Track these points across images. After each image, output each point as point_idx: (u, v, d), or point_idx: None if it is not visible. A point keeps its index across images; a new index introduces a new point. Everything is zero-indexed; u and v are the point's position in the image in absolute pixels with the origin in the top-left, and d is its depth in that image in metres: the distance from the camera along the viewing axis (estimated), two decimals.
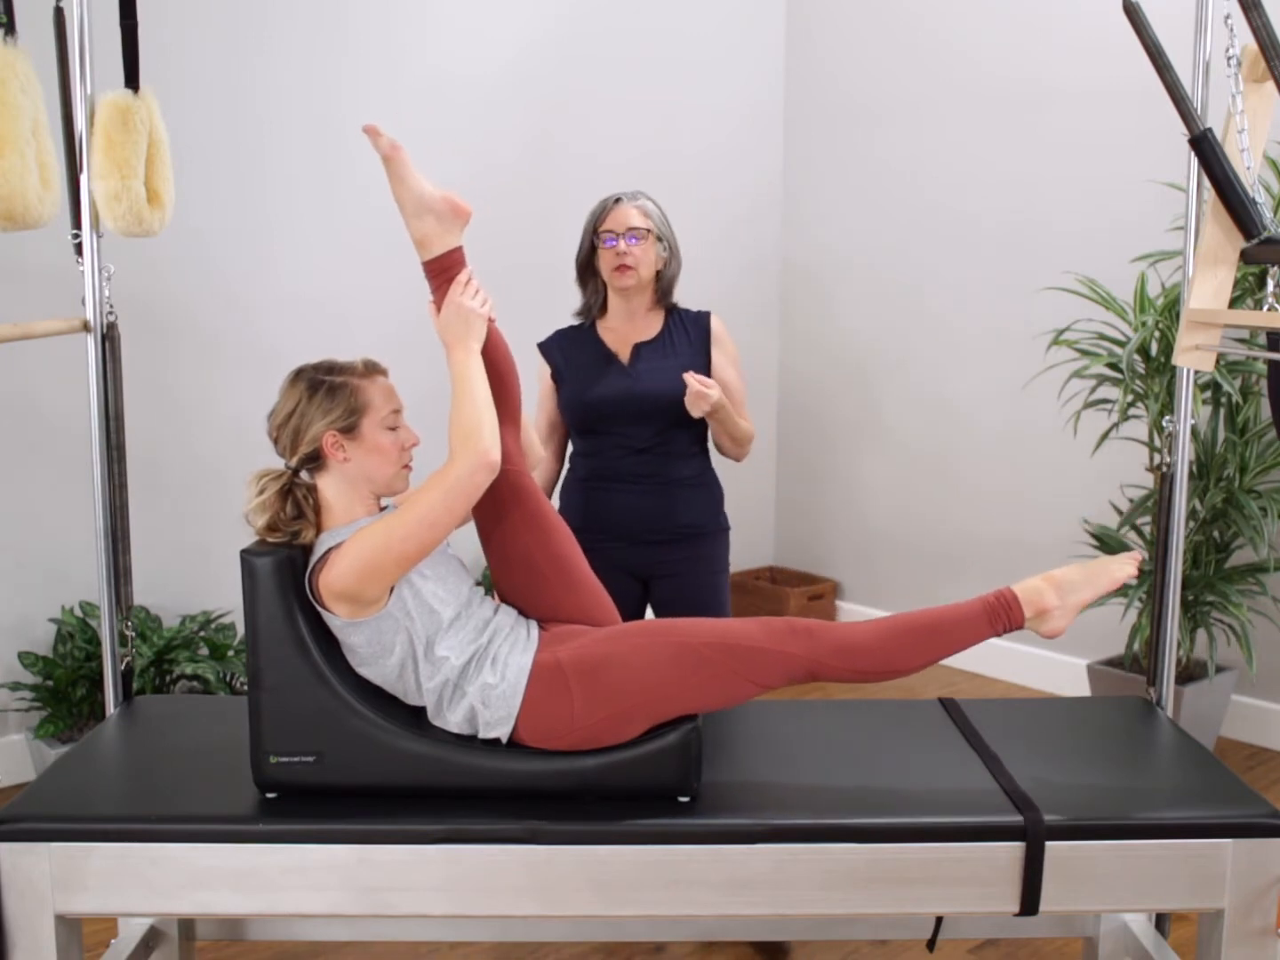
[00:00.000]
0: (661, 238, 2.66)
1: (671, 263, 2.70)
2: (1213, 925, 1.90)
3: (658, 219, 2.66)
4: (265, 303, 3.78)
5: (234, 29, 3.64)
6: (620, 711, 1.87)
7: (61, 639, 3.41)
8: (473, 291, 2.01)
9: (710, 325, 2.73)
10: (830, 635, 1.92)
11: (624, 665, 1.88)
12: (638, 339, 2.70)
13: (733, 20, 4.79)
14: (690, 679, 1.88)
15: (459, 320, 1.98)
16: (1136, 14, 1.98)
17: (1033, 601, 1.95)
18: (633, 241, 2.61)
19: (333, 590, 1.84)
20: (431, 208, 1.99)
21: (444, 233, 2.01)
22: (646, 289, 2.68)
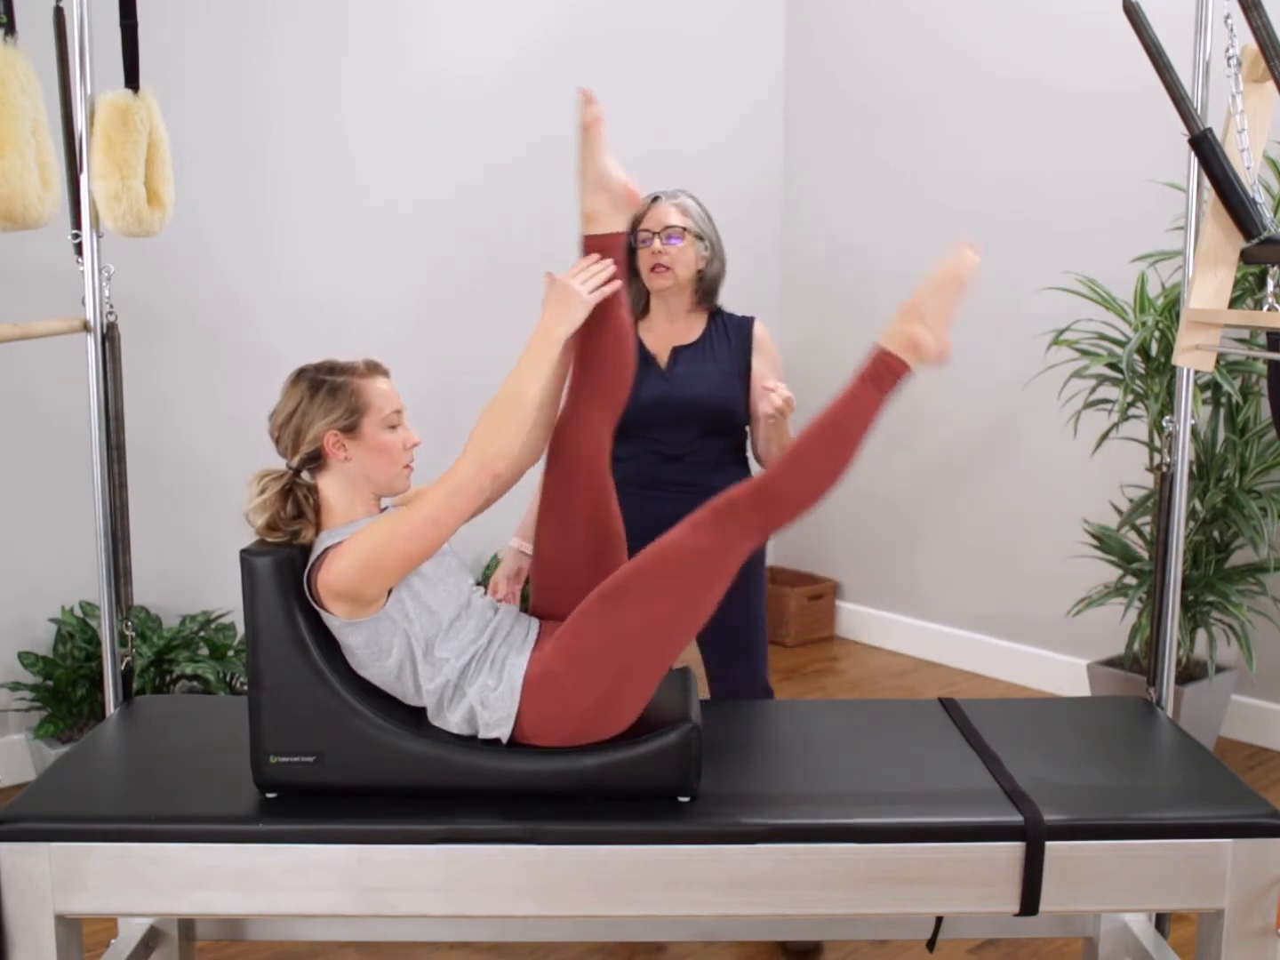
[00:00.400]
0: (702, 236, 2.59)
1: (713, 263, 2.62)
2: (1213, 925, 1.90)
3: (698, 217, 2.59)
4: (265, 303, 3.78)
5: (234, 29, 3.64)
6: (611, 683, 1.87)
7: (61, 639, 3.41)
8: (588, 276, 1.98)
9: (753, 331, 2.65)
10: (751, 497, 1.91)
11: (599, 635, 1.88)
12: (677, 342, 2.63)
13: (733, 20, 4.79)
14: (659, 617, 1.88)
15: (557, 299, 1.96)
16: (1136, 14, 1.98)
17: (902, 344, 1.98)
18: (670, 241, 2.55)
19: (332, 589, 1.84)
20: (609, 187, 2.00)
21: (613, 214, 2.02)
22: (685, 290, 2.62)
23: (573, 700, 1.87)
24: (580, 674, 1.87)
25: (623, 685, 1.88)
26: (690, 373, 2.60)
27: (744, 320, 2.68)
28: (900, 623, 4.74)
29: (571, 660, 1.88)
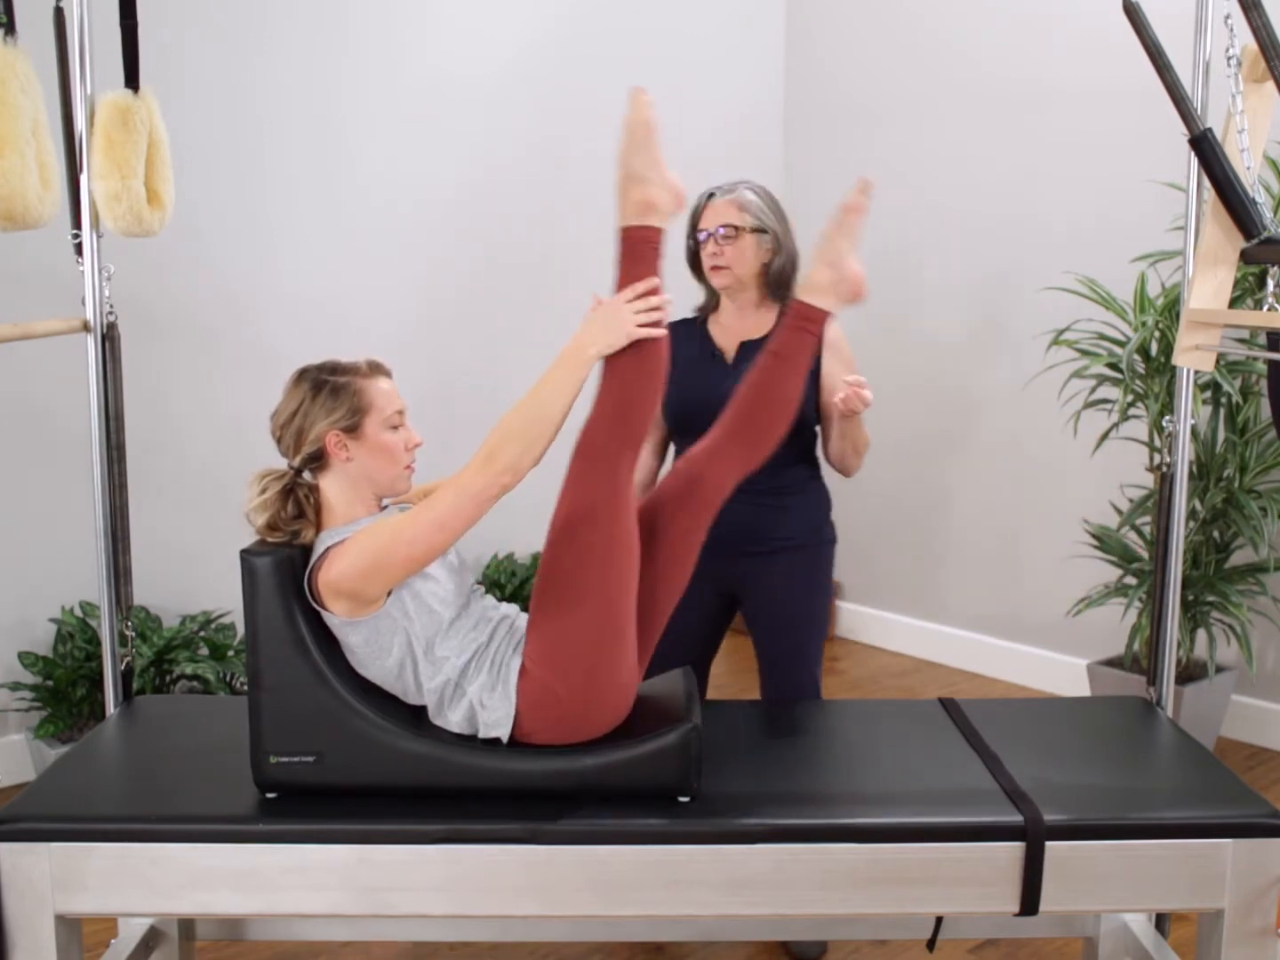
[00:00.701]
0: (765, 229, 2.50)
1: (778, 256, 2.52)
2: (1213, 925, 1.90)
3: (757, 210, 2.51)
4: (265, 303, 3.78)
5: (234, 29, 3.64)
6: (590, 662, 1.87)
7: (61, 639, 3.41)
8: (644, 306, 1.90)
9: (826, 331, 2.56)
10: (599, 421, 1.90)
11: (557, 626, 1.88)
12: (746, 337, 2.56)
13: (733, 20, 4.79)
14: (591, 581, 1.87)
15: (602, 320, 1.88)
16: (1136, 14, 1.98)
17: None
18: (727, 240, 2.49)
19: (333, 587, 1.84)
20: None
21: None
22: (751, 286, 2.54)
23: (560, 691, 1.87)
24: (558, 666, 1.87)
25: (601, 656, 1.88)
26: None
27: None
28: (900, 623, 4.74)
29: (541, 654, 1.89)
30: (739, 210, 2.51)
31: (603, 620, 1.88)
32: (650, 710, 1.97)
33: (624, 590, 1.90)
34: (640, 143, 1.93)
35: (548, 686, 1.87)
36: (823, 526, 2.59)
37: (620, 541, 1.90)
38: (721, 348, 2.58)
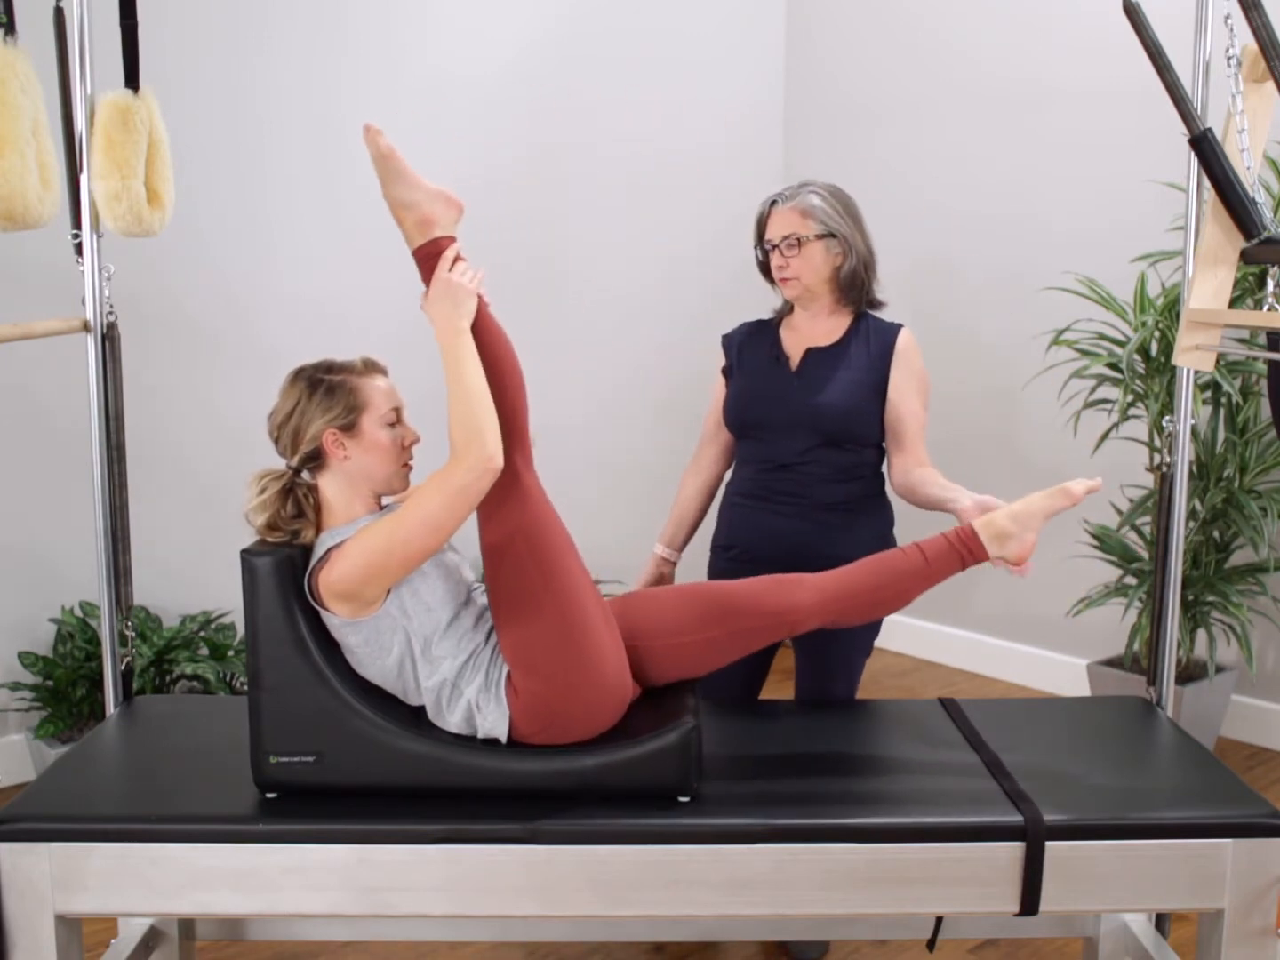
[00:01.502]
0: (833, 234, 2.44)
1: (849, 259, 2.46)
2: (1213, 925, 1.90)
3: (822, 214, 2.44)
4: (265, 302, 3.78)
5: (234, 29, 3.64)
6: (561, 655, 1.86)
7: (61, 639, 3.41)
8: (461, 268, 1.95)
9: (896, 341, 2.48)
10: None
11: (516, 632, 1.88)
12: (814, 344, 2.50)
13: (733, 20, 4.79)
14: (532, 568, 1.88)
15: (445, 296, 1.91)
16: (1136, 14, 1.98)
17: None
18: (790, 251, 2.45)
19: (333, 590, 1.84)
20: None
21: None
22: (822, 293, 2.49)
23: (544, 692, 1.87)
24: (530, 672, 1.88)
25: (573, 659, 1.87)
26: (818, 377, 2.46)
27: (889, 327, 2.52)
28: (900, 623, 4.73)
29: (518, 665, 1.89)
30: (802, 217, 2.45)
31: (562, 620, 1.88)
32: (650, 710, 1.97)
33: (573, 588, 1.90)
34: (391, 173, 1.96)
35: (534, 693, 1.87)
36: (881, 545, 2.45)
37: (549, 541, 1.90)
38: (788, 353, 2.52)
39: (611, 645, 1.93)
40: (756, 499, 2.49)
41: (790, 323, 2.57)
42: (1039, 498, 2.09)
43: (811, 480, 2.45)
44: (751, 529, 2.49)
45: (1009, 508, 2.08)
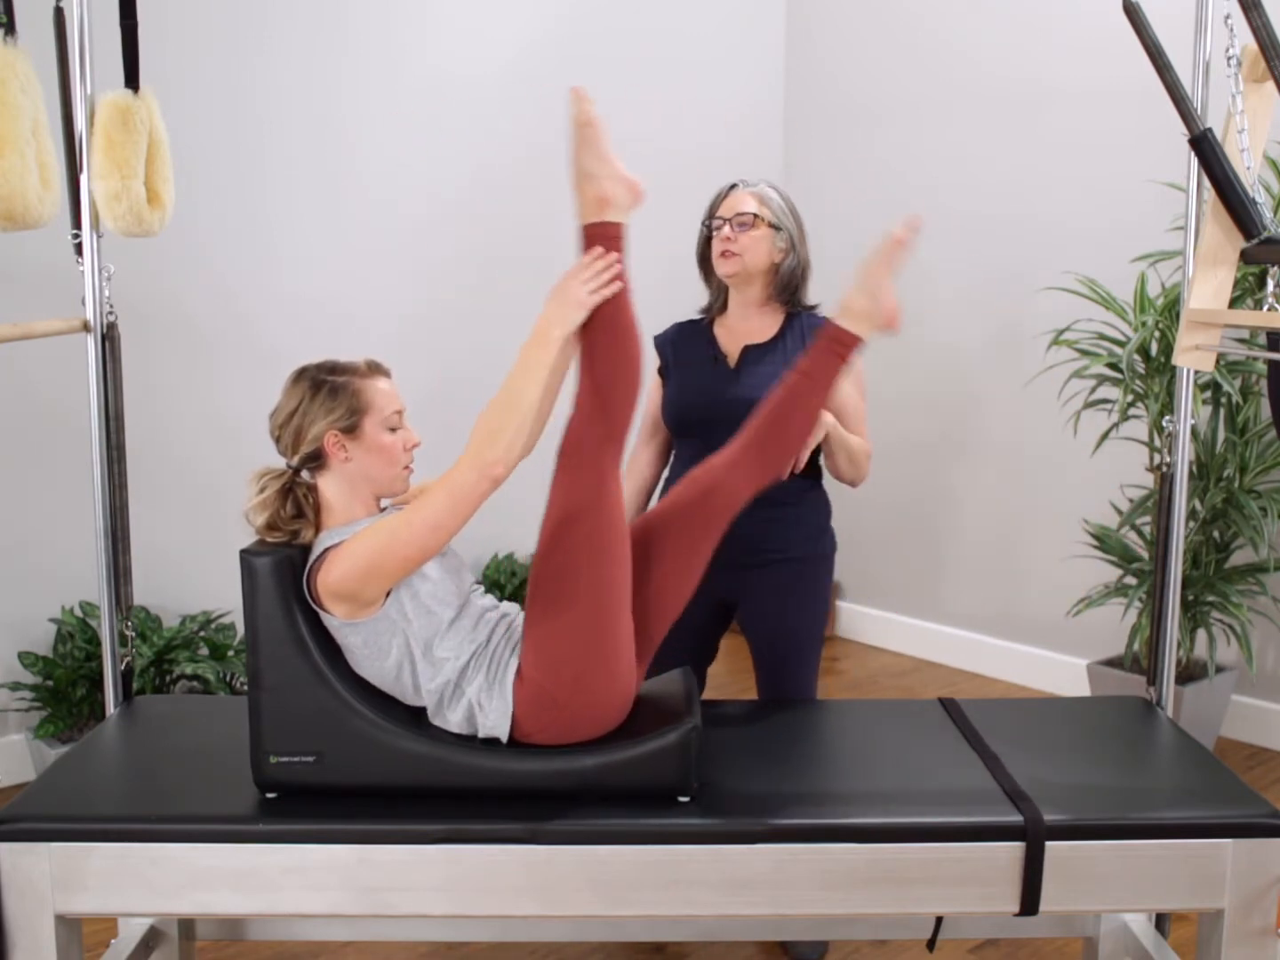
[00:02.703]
0: (780, 228, 2.50)
1: (790, 257, 2.52)
2: (1213, 925, 1.90)
3: (777, 208, 2.50)
4: (265, 303, 3.78)
5: (234, 29, 3.65)
6: (582, 663, 1.86)
7: (61, 639, 3.41)
8: (589, 275, 1.90)
9: None
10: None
11: (549, 628, 1.88)
12: (750, 340, 2.53)
13: (733, 20, 4.79)
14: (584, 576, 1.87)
15: (556, 300, 1.91)
16: (1136, 14, 1.98)
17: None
18: (740, 228, 2.47)
19: (332, 590, 1.84)
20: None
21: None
22: (756, 281, 2.52)
23: (555, 693, 1.87)
24: (550, 666, 1.87)
25: (595, 657, 1.87)
26: (758, 373, 2.49)
27: (822, 321, 2.53)
28: (900, 623, 4.74)
29: (535, 657, 1.89)
30: (760, 202, 2.51)
31: (594, 622, 1.88)
32: (650, 710, 1.97)
33: (615, 592, 1.90)
34: (587, 141, 1.95)
35: (542, 689, 1.87)
36: (821, 537, 2.55)
37: (609, 542, 1.89)
38: (725, 351, 2.56)
39: (627, 659, 1.92)
40: None
41: (723, 321, 2.61)
42: (871, 259, 2.10)
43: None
44: None
45: (851, 287, 2.10)
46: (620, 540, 1.91)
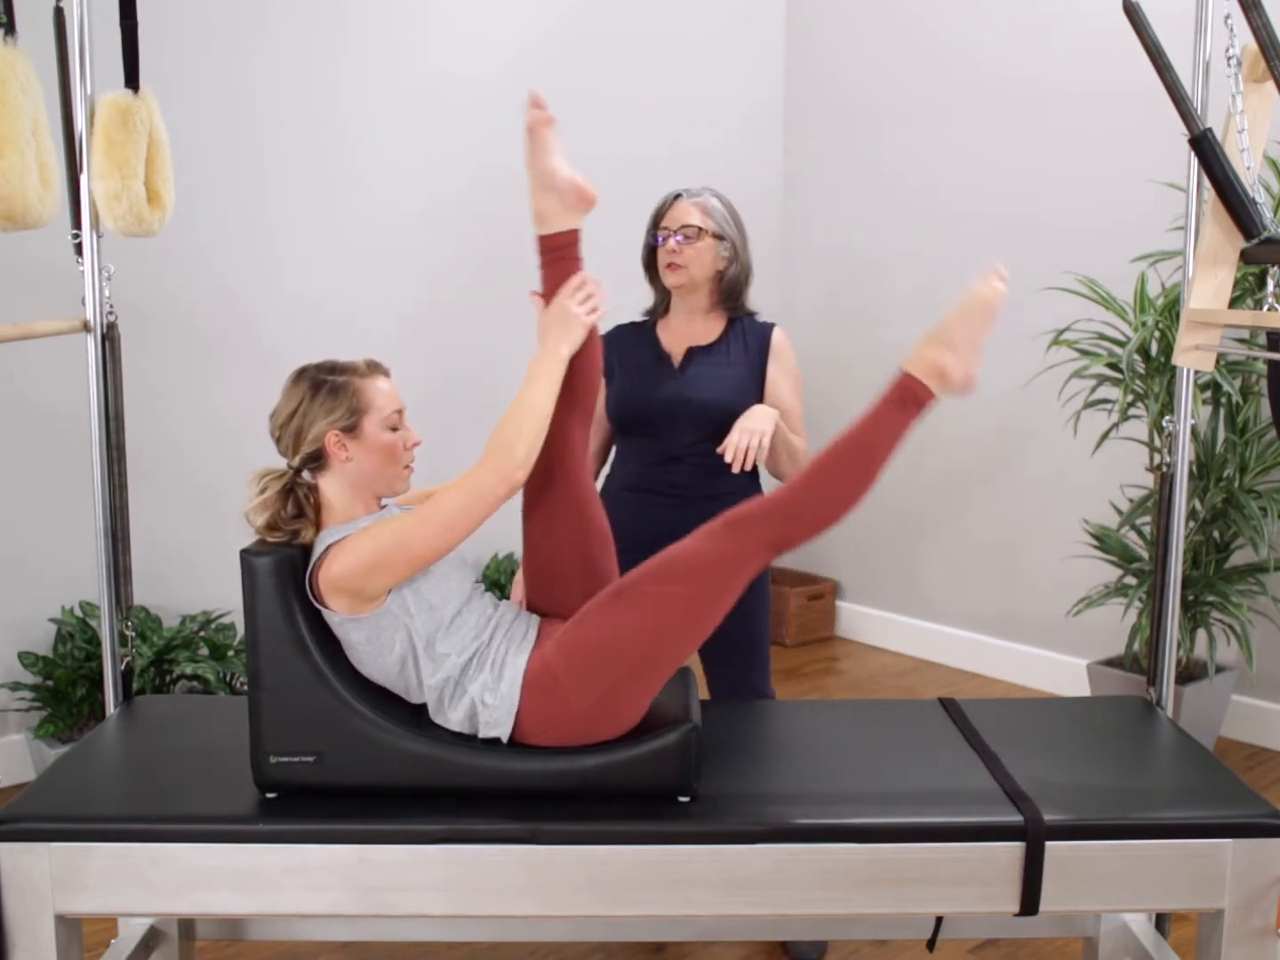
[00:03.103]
0: (723, 237, 2.56)
1: (734, 265, 2.58)
2: (1213, 925, 1.90)
3: (720, 217, 2.56)
4: (265, 303, 3.78)
5: (234, 29, 3.65)
6: (613, 685, 1.86)
7: (61, 639, 3.41)
8: (583, 296, 2.02)
9: (771, 337, 2.60)
10: (767, 511, 1.90)
11: (599, 638, 1.88)
12: (694, 342, 2.61)
13: (733, 20, 4.79)
14: (662, 621, 1.87)
15: (558, 321, 2.01)
16: (1136, 14, 1.98)
17: (927, 369, 1.93)
18: (682, 240, 2.53)
19: (334, 585, 1.84)
20: (558, 187, 2.02)
21: (565, 213, 2.04)
22: (701, 289, 2.59)
23: (572, 702, 1.87)
24: (581, 675, 1.87)
25: (622, 690, 1.88)
26: (702, 374, 2.57)
27: (764, 326, 2.64)
28: (900, 623, 4.74)
29: (573, 661, 1.88)
30: (703, 213, 2.56)
31: (644, 659, 1.88)
32: (650, 710, 1.97)
33: (679, 648, 1.90)
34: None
35: (559, 690, 1.87)
36: None
37: (710, 612, 1.90)
38: (669, 351, 2.62)
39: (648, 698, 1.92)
40: (642, 491, 2.59)
41: (667, 324, 2.66)
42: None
43: (698, 473, 2.54)
44: (638, 520, 2.56)
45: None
46: (713, 619, 1.91)
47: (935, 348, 1.94)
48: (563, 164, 2.01)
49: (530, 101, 1.99)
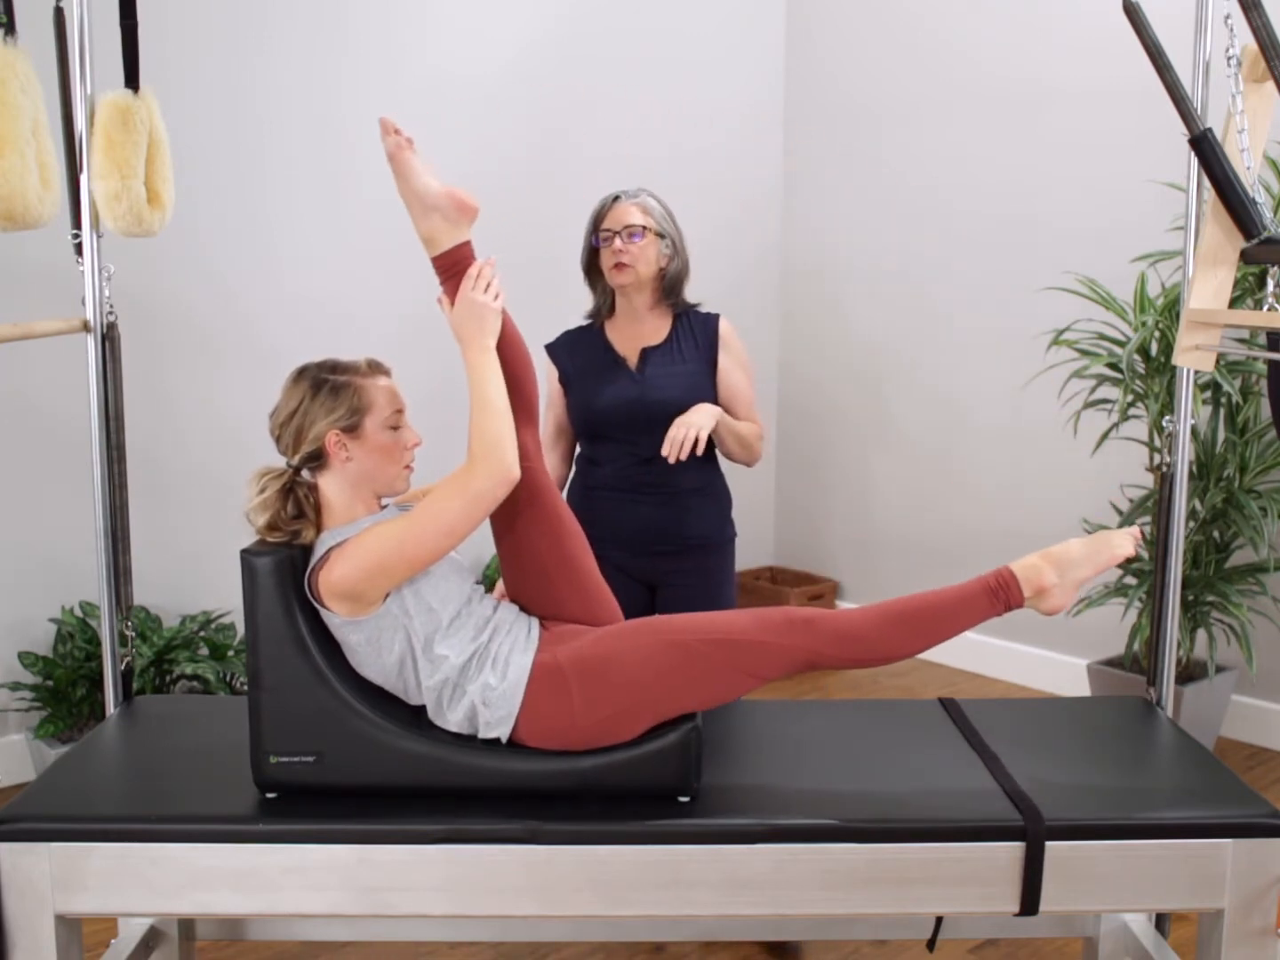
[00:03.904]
0: (664, 235, 2.61)
1: (675, 261, 2.64)
2: (1213, 925, 1.90)
3: (659, 216, 2.62)
4: (265, 303, 3.78)
5: (234, 29, 3.65)
6: (620, 711, 1.87)
7: (61, 639, 3.41)
8: (484, 285, 1.99)
9: (718, 329, 2.67)
10: (828, 624, 1.90)
11: (622, 664, 1.88)
12: (645, 343, 2.65)
13: (733, 20, 4.79)
14: (688, 675, 1.88)
15: (471, 316, 1.97)
16: (1136, 14, 1.98)
17: (1031, 580, 1.94)
18: (632, 239, 2.57)
19: (335, 588, 1.84)
20: (437, 205, 1.99)
21: (451, 228, 2.00)
22: (646, 287, 2.63)
23: (577, 712, 1.86)
24: (592, 694, 1.87)
25: (627, 718, 1.88)
26: (660, 374, 2.61)
27: (708, 318, 2.69)
28: None
29: (587, 678, 1.87)
30: (644, 213, 2.61)
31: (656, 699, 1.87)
32: None
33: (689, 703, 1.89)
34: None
35: (567, 698, 1.87)
36: (724, 525, 2.72)
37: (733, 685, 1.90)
38: (623, 354, 2.66)
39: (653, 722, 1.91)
40: (624, 491, 2.64)
41: (614, 325, 2.70)
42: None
43: (678, 467, 2.57)
44: (621, 515, 2.63)
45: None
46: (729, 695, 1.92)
47: (1048, 566, 1.95)
48: (434, 182, 1.98)
49: (383, 130, 1.96)
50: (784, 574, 5.05)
